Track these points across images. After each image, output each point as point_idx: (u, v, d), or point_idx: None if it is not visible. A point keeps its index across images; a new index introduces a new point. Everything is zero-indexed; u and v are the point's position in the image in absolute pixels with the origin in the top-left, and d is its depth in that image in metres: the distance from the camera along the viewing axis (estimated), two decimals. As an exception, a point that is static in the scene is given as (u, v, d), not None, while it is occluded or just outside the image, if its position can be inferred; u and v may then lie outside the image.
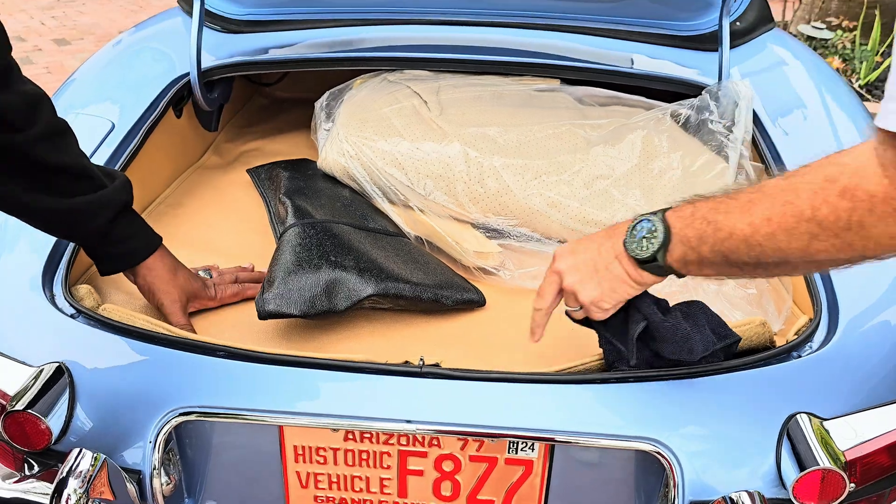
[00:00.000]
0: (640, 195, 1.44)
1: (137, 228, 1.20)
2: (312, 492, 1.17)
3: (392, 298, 1.23)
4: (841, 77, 1.90)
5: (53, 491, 0.98)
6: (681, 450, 1.03)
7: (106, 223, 1.13)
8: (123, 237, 1.17)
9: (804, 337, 1.13)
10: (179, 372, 1.11)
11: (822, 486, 0.98)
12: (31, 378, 1.09)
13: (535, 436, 1.04)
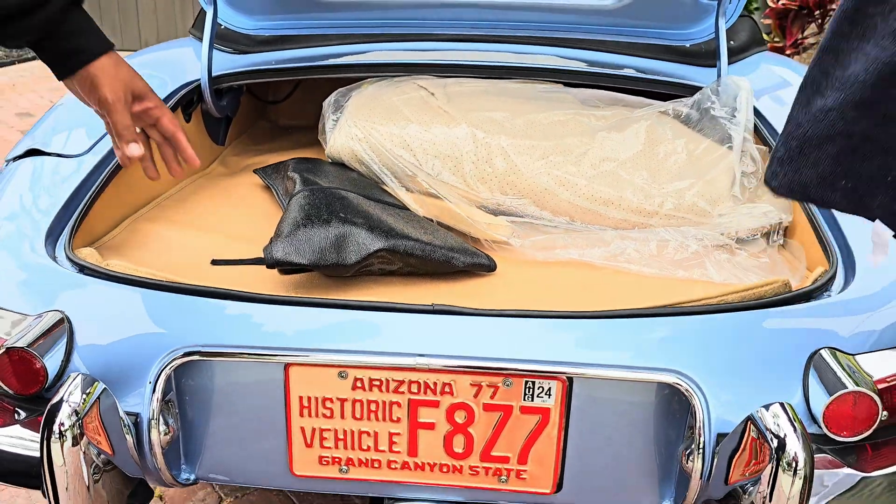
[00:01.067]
0: (648, 175, 1.45)
1: (91, 26, 1.12)
2: (317, 451, 1.11)
3: (402, 256, 1.21)
4: None
5: (44, 419, 0.92)
6: (705, 382, 0.99)
7: (57, 12, 1.05)
8: (76, 30, 1.09)
9: (822, 283, 1.11)
10: (182, 316, 1.07)
11: (853, 411, 0.94)
12: (30, 322, 1.06)
13: (551, 370, 1.00)
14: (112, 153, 1.44)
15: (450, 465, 1.10)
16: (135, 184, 1.52)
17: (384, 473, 1.12)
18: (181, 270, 1.21)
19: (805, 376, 1.00)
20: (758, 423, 0.91)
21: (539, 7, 1.78)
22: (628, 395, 1.04)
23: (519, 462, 1.09)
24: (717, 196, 1.42)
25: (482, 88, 1.63)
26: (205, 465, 1.14)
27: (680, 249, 1.30)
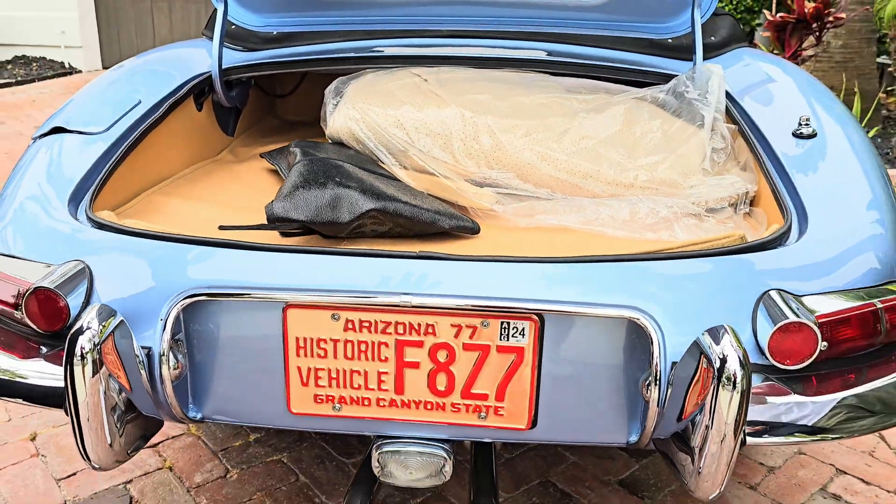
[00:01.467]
0: (624, 152, 1.56)
1: None
2: (312, 390, 1.21)
3: (392, 216, 1.32)
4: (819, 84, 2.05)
5: (67, 344, 1.03)
6: (662, 318, 1.08)
7: None
8: None
9: (776, 237, 1.21)
10: (190, 264, 1.18)
11: (794, 340, 1.03)
12: (54, 268, 1.18)
13: (524, 307, 1.10)
14: (129, 131, 1.57)
15: (433, 403, 1.20)
16: (149, 162, 1.65)
17: (374, 411, 1.22)
18: (191, 233, 1.33)
19: (754, 313, 1.10)
20: (702, 346, 1.01)
21: (528, 4, 1.90)
22: (595, 335, 1.14)
23: (497, 399, 1.19)
24: (689, 169, 1.53)
25: (472, 75, 1.75)
26: (210, 404, 1.24)
27: (651, 215, 1.40)
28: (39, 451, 2.13)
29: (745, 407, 0.97)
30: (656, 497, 1.97)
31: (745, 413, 0.98)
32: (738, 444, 0.99)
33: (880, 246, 1.25)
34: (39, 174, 1.41)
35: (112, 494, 1.96)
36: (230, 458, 2.10)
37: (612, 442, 1.20)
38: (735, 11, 7.35)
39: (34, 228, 1.30)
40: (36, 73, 8.48)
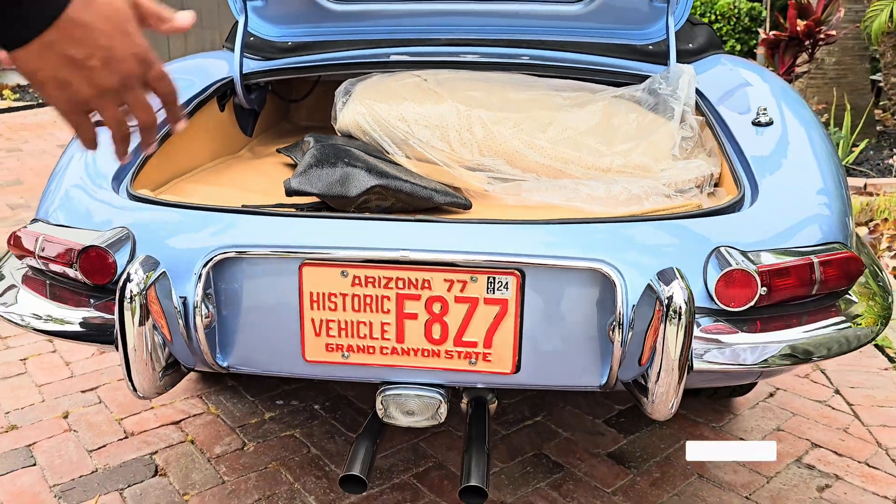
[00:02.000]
0: (602, 140, 1.74)
1: None
2: (324, 340, 1.39)
3: (394, 192, 1.50)
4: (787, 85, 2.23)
5: (118, 289, 1.22)
6: (625, 268, 1.26)
7: None
8: None
9: (729, 205, 1.39)
10: (220, 229, 1.37)
11: (737, 285, 1.21)
12: (102, 232, 1.37)
13: (509, 261, 1.28)
14: (162, 124, 1.76)
15: (430, 350, 1.37)
16: (178, 153, 1.84)
17: (377, 358, 1.39)
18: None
19: (705, 264, 1.27)
20: (654, 285, 1.18)
21: (518, 13, 2.10)
22: (569, 287, 1.31)
23: (485, 346, 1.36)
24: (660, 155, 1.71)
25: (468, 76, 1.95)
26: (235, 354, 1.42)
27: (624, 193, 1.58)
28: (71, 426, 2.31)
29: (689, 338, 1.14)
30: (642, 467, 2.12)
31: (689, 343, 1.14)
32: (685, 371, 1.16)
33: (824, 215, 1.42)
34: (85, 161, 1.61)
35: (139, 463, 2.13)
36: (247, 433, 2.27)
37: (587, 385, 1.36)
38: (733, 32, 7.57)
39: (83, 203, 1.49)
40: (57, 95, 8.77)
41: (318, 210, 1.53)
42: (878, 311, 1.40)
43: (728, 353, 1.23)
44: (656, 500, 1.98)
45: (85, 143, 0.79)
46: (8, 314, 1.42)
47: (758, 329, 1.26)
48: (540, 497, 1.99)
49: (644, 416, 2.36)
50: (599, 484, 2.04)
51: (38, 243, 1.40)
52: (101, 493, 2.00)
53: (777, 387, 2.54)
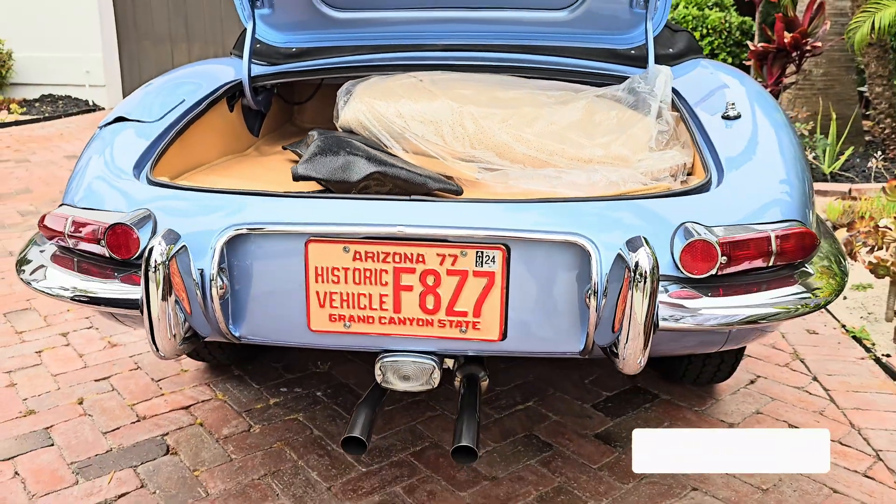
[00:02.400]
0: (584, 134, 1.88)
1: None
2: (328, 310, 1.52)
3: (391, 178, 1.64)
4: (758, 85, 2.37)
5: (144, 260, 1.35)
6: (600, 241, 1.39)
7: None
8: None
9: (696, 188, 1.53)
10: (234, 209, 1.51)
11: (699, 254, 1.34)
12: (124, 214, 1.50)
13: (495, 235, 1.41)
14: (177, 121, 1.90)
15: (424, 319, 1.50)
16: (191, 148, 1.98)
17: (376, 328, 1.52)
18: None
19: (672, 237, 1.40)
20: (623, 253, 1.32)
21: (508, 20, 2.25)
22: (550, 260, 1.45)
23: (474, 315, 1.49)
24: (638, 147, 1.85)
25: (460, 77, 2.09)
26: (247, 325, 1.55)
27: (603, 180, 1.72)
28: (86, 411, 2.43)
29: (654, 298, 1.27)
30: (627, 445, 2.24)
31: (654, 303, 1.28)
32: (651, 328, 1.29)
33: (784, 198, 1.56)
34: (108, 150, 1.75)
35: (151, 443, 2.25)
36: (253, 417, 2.39)
37: (568, 350, 1.49)
38: (724, 45, 7.74)
39: (107, 189, 1.63)
40: (62, 109, 8.97)
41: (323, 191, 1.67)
42: (834, 286, 1.53)
43: (692, 315, 1.36)
44: (641, 476, 2.10)
45: None
46: (42, 287, 1.56)
47: (720, 294, 1.39)
48: (530, 472, 2.11)
49: (630, 401, 2.48)
50: (586, 461, 2.16)
51: (67, 223, 1.54)
52: (115, 469, 2.12)
53: (758, 374, 2.67)
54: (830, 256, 1.63)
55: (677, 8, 7.81)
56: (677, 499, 2.00)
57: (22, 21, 9.33)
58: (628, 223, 1.43)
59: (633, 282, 1.27)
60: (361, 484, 2.06)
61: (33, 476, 2.09)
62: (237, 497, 2.00)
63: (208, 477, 2.09)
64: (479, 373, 1.80)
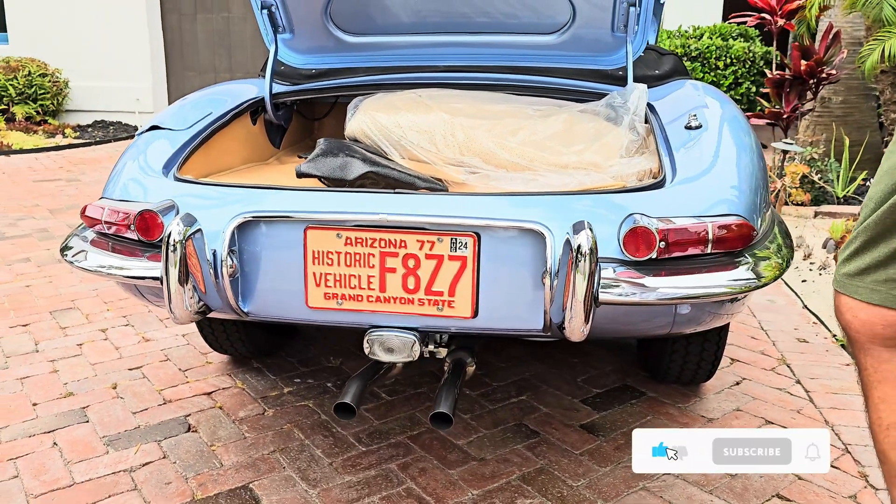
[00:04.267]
0: (562, 143, 2.09)
1: None
2: (323, 290, 1.74)
3: (383, 178, 1.87)
4: (734, 105, 2.55)
5: (166, 233, 1.59)
6: (555, 228, 1.60)
7: None
8: None
9: (649, 184, 1.72)
10: (245, 200, 1.75)
11: (639, 238, 1.53)
12: (151, 203, 1.76)
13: (466, 223, 1.62)
14: (203, 130, 2.17)
15: (406, 298, 1.72)
16: (215, 155, 2.24)
17: (365, 305, 1.74)
18: None
19: (620, 225, 1.60)
20: (569, 235, 1.52)
21: (503, 44, 2.48)
22: (514, 246, 1.65)
23: (449, 295, 1.70)
24: (609, 154, 2.05)
25: (456, 93, 2.33)
26: (254, 302, 1.78)
27: (574, 182, 1.92)
28: (119, 394, 2.68)
29: (593, 276, 1.46)
30: (609, 435, 2.41)
31: (593, 278, 1.47)
32: (591, 303, 1.48)
33: (731, 196, 1.74)
34: (142, 153, 2.02)
35: (175, 422, 2.49)
36: (267, 403, 2.62)
37: (531, 329, 1.69)
38: (748, 74, 7.88)
39: (139, 184, 1.89)
40: (112, 134, 9.47)
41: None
42: (775, 274, 1.71)
43: (631, 291, 1.54)
44: (618, 461, 2.26)
45: None
46: (84, 266, 1.82)
47: (662, 275, 1.57)
48: (516, 455, 2.29)
49: (618, 397, 2.65)
50: (570, 447, 2.34)
51: (104, 212, 1.80)
52: (141, 442, 2.36)
53: (744, 377, 2.81)
54: (777, 252, 1.80)
55: (702, 38, 8.00)
56: (649, 480, 2.16)
57: (78, 53, 9.92)
58: (583, 213, 1.63)
59: (575, 260, 1.47)
60: (360, 461, 2.26)
61: (69, 446, 2.34)
62: (248, 468, 2.22)
63: (223, 451, 2.31)
64: (466, 358, 1.99)
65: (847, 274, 1.36)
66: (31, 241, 4.75)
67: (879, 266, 1.30)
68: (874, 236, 1.30)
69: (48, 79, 9.57)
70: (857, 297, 1.34)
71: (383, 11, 2.46)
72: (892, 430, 1.37)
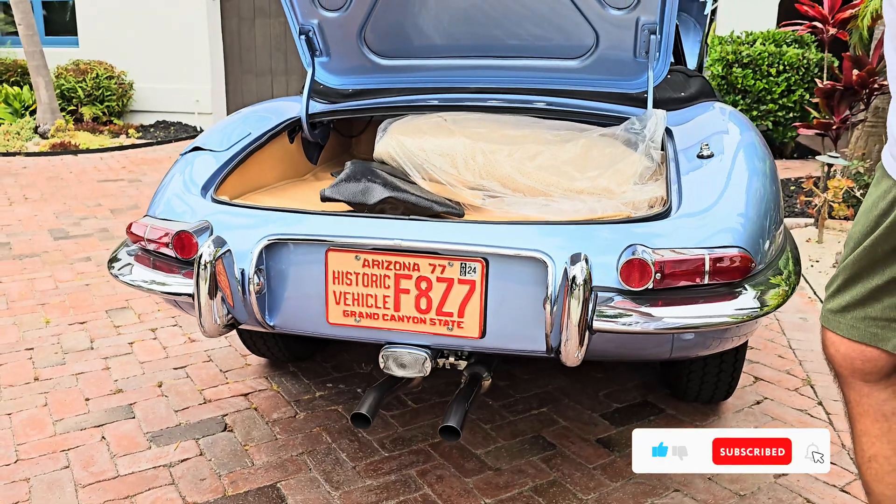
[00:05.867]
0: (578, 168, 2.17)
1: None
2: (342, 307, 1.87)
3: (402, 202, 1.98)
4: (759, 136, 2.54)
5: (198, 254, 1.74)
6: (557, 256, 1.68)
7: None
8: None
9: (654, 215, 1.79)
10: (271, 222, 1.89)
11: (636, 269, 1.61)
12: (187, 223, 1.91)
13: (475, 251, 1.72)
14: (241, 151, 2.32)
15: (418, 318, 1.83)
16: (253, 174, 2.40)
17: (380, 323, 1.86)
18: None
19: (620, 255, 1.67)
20: (567, 267, 1.60)
21: (528, 68, 2.57)
22: (520, 272, 1.75)
23: (459, 315, 1.80)
24: (623, 180, 2.12)
25: (482, 117, 2.42)
26: (279, 317, 1.92)
27: (585, 209, 2.00)
28: (163, 392, 2.87)
29: (587, 303, 1.55)
30: (624, 451, 2.47)
31: (587, 311, 1.55)
32: (584, 331, 1.57)
33: (736, 228, 1.80)
34: (184, 173, 2.18)
35: (213, 421, 2.66)
36: (300, 406, 2.77)
37: (535, 349, 1.78)
38: (801, 81, 7.72)
39: (178, 204, 2.05)
40: (173, 135, 9.86)
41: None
42: (778, 302, 1.76)
43: (627, 321, 1.62)
44: (630, 476, 2.33)
45: None
46: (127, 280, 1.99)
47: (658, 305, 1.65)
48: (530, 466, 2.38)
49: (637, 413, 2.71)
50: (584, 461, 2.41)
51: (147, 230, 1.97)
52: (181, 440, 2.53)
53: (766, 396, 2.83)
54: (786, 279, 1.85)
55: (754, 44, 7.88)
56: (658, 497, 2.22)
57: (142, 56, 10.34)
58: (585, 243, 1.71)
59: (570, 290, 1.56)
60: (382, 466, 2.39)
61: (116, 441, 2.53)
62: (276, 468, 2.37)
63: (255, 451, 2.47)
64: (483, 373, 2.09)
65: (831, 310, 1.42)
66: (92, 240, 5.03)
67: (858, 304, 1.36)
68: (852, 276, 1.36)
69: (114, 81, 10.01)
70: (839, 333, 1.39)
71: (415, 35, 2.57)
72: (874, 463, 1.42)
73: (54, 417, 2.68)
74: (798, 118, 7.87)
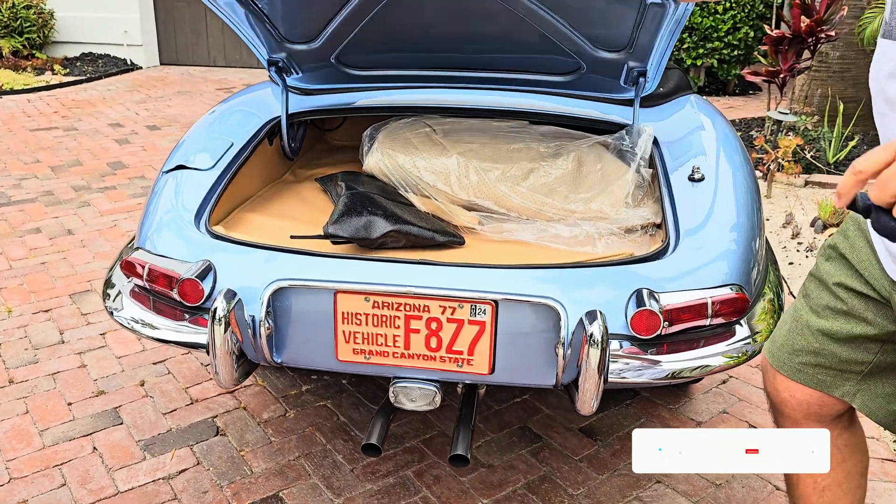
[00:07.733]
0: (571, 187, 2.20)
1: None
2: (352, 346, 1.89)
3: (404, 235, 1.99)
4: (732, 129, 2.63)
5: (212, 310, 1.73)
6: (568, 304, 1.74)
7: None
8: None
9: (654, 253, 1.86)
10: (278, 263, 1.87)
11: (645, 320, 1.68)
12: (191, 265, 1.88)
13: (485, 297, 1.76)
14: (227, 167, 2.25)
15: (428, 356, 1.87)
16: (239, 188, 2.34)
17: (390, 360, 1.90)
18: (272, 241, 2.02)
19: (627, 302, 1.74)
20: (583, 322, 1.67)
21: (514, 81, 2.54)
22: (529, 315, 1.80)
23: (469, 354, 1.85)
24: (615, 202, 2.17)
25: (470, 125, 2.41)
26: (287, 354, 1.93)
27: (582, 234, 2.05)
28: (147, 393, 2.86)
29: (603, 359, 1.62)
30: (606, 440, 2.63)
31: (603, 364, 1.63)
32: (601, 381, 1.65)
33: (730, 262, 1.88)
34: (171, 198, 2.11)
35: (204, 425, 2.68)
36: (288, 403, 2.81)
37: (542, 383, 1.86)
38: (747, 19, 7.80)
39: (174, 237, 2.00)
40: (102, 69, 9.32)
41: (348, 244, 2.03)
42: (769, 331, 1.87)
43: (637, 370, 1.71)
44: (614, 468, 2.48)
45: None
46: (121, 319, 1.95)
47: (665, 351, 1.74)
48: (521, 461, 2.51)
49: (614, 398, 2.86)
50: (570, 453, 2.55)
51: (145, 270, 1.92)
52: (176, 447, 2.56)
53: (731, 375, 3.02)
54: (773, 312, 1.95)
55: (702, -19, 7.86)
56: (642, 490, 2.39)
57: (62, -19, 9.61)
58: (592, 288, 1.77)
59: (588, 346, 1.63)
60: (379, 467, 2.47)
61: (109, 451, 2.54)
62: (277, 476, 2.43)
63: (252, 457, 2.52)
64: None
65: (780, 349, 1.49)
66: (38, 206, 4.82)
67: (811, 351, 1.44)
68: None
69: (33, 11, 9.32)
70: (792, 378, 1.46)
71: (391, 54, 2.50)
72: (828, 492, 1.55)
73: (39, 427, 2.66)
74: (743, 58, 7.99)
